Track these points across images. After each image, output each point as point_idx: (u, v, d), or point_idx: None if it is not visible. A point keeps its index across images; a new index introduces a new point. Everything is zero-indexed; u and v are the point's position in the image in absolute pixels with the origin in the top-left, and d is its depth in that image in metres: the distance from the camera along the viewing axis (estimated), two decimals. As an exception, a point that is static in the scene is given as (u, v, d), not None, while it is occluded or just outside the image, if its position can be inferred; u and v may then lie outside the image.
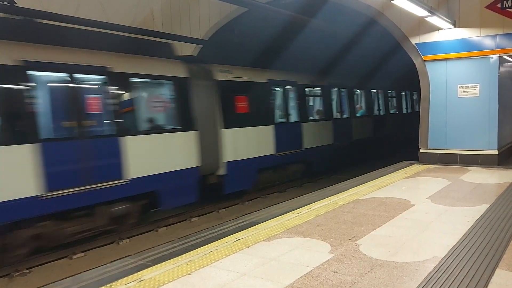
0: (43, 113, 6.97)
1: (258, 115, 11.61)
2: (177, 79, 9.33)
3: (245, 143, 11.08)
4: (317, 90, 14.52)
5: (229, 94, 10.67)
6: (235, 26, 13.48)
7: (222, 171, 10.49)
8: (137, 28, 12.24)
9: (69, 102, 7.34)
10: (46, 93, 7.27)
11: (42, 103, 7.02)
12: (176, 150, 9.11)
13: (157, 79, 9.14)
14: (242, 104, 11.03)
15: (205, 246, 4.58)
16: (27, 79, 6.69)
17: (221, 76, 10.62)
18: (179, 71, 9.45)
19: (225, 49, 13.50)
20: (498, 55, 9.45)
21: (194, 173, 9.56)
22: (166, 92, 9.39)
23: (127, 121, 8.22)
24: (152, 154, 8.55)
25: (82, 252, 8.43)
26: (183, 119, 9.35)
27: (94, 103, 7.86)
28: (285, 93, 12.96)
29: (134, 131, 8.24)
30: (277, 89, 12.78)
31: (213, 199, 10.89)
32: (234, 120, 10.74)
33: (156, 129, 8.98)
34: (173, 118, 9.31)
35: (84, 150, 7.31)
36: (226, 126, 10.47)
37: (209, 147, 10.08)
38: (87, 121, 7.50)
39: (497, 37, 9.36)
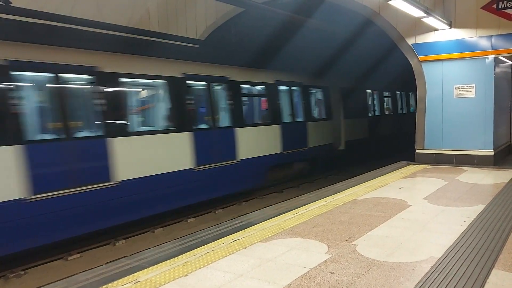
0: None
1: (361, 111, 17.48)
2: (325, 87, 15.01)
3: (354, 128, 16.52)
4: (388, 93, 20.69)
5: (345, 96, 15.88)
6: (232, 26, 13.47)
7: (342, 147, 15.79)
8: (133, 28, 12.22)
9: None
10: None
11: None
12: (323, 132, 14.63)
13: (318, 88, 14.73)
14: (352, 103, 16.41)
15: (202, 247, 4.56)
16: None
17: (342, 85, 15.99)
18: (326, 83, 15.05)
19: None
20: (494, 55, 9.48)
21: (330, 147, 15.12)
22: (321, 96, 14.96)
23: (309, 113, 13.95)
24: (316, 133, 14.07)
25: (78, 253, 8.40)
26: (327, 112, 15.01)
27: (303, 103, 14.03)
28: (374, 95, 19.03)
29: (310, 119, 13.92)
30: (370, 93, 18.64)
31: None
32: (348, 113, 16.01)
33: (316, 119, 14.46)
34: (323, 112, 14.91)
35: (296, 130, 13.23)
36: (345, 117, 15.82)
37: (336, 130, 15.43)
38: (294, 113, 13.26)
39: (493, 38, 9.40)
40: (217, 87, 10.69)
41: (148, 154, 8.62)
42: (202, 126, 10.23)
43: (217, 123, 10.55)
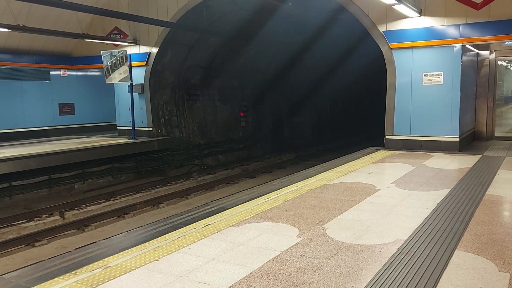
0: None
1: None
2: None
3: None
4: None
5: None
6: (204, 9, 13.24)
7: None
8: (101, 9, 11.85)
9: None
10: None
11: None
12: None
13: None
14: None
15: (173, 232, 4.54)
16: None
17: None
18: None
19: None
20: (461, 44, 9.71)
21: None
22: None
23: None
24: None
25: (46, 239, 8.23)
26: None
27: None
28: None
29: None
30: None
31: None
32: None
33: None
34: None
35: None
36: None
37: None
38: None
39: (461, 27, 9.62)
40: None
41: None
42: None
43: None
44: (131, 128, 13.91)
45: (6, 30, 11.11)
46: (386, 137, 10.85)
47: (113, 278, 3.40)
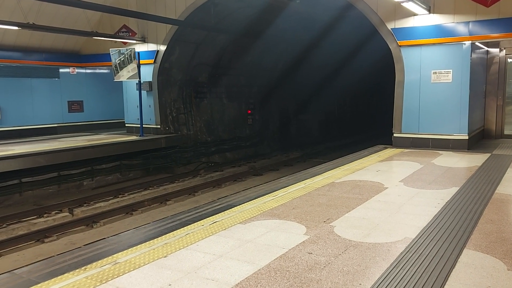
0: None
1: None
2: None
3: None
4: None
5: None
6: (212, 7, 13.26)
7: None
8: (110, 7, 11.92)
9: None
10: None
11: None
12: None
13: None
14: None
15: (182, 228, 4.57)
16: None
17: None
18: None
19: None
20: (470, 41, 9.62)
21: None
22: None
23: None
24: None
25: (55, 235, 8.32)
26: None
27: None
28: None
29: None
30: None
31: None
32: None
33: None
34: None
35: None
36: None
37: None
38: None
39: (470, 24, 9.53)
40: None
41: None
42: None
43: None
44: (139, 125, 13.98)
45: (16, 28, 11.22)
46: (394, 135, 10.80)
47: (123, 274, 3.43)
